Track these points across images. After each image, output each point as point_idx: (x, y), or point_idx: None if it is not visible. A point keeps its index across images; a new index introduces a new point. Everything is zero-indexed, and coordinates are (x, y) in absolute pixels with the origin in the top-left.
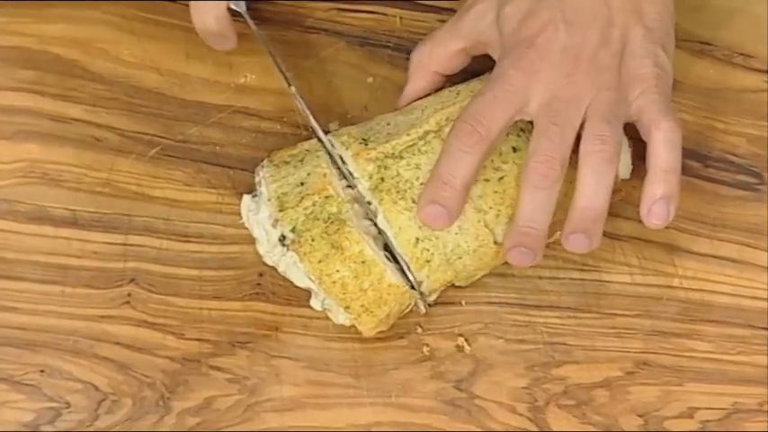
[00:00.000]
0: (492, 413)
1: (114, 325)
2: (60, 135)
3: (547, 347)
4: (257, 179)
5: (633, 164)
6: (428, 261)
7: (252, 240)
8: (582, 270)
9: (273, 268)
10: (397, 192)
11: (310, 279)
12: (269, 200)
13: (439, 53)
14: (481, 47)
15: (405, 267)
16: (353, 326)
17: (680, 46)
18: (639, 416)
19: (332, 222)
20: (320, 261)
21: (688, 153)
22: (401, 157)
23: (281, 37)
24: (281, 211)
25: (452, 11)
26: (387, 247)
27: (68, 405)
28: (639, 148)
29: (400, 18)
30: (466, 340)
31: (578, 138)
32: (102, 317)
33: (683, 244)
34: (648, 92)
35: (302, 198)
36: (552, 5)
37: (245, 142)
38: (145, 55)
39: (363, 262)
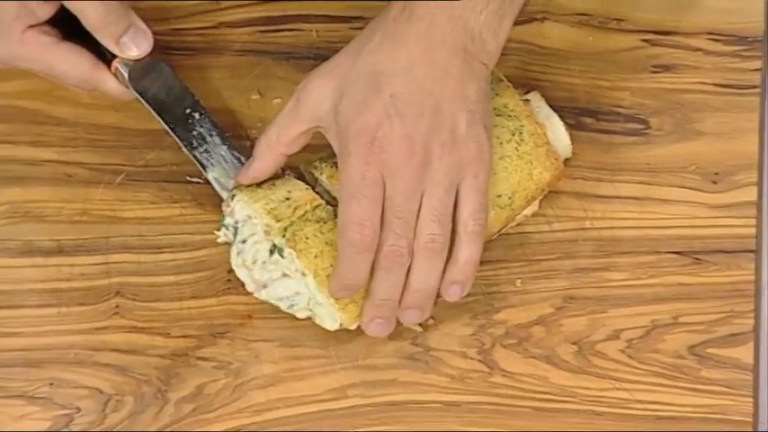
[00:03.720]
0: (447, 361)
1: (108, 334)
2: (36, 176)
3: (486, 297)
4: (229, 220)
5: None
6: None
7: (217, 243)
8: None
9: None
10: None
11: (304, 274)
12: (254, 218)
13: (284, 137)
14: (319, 130)
15: None
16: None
17: (561, 20)
18: (573, 344)
19: (324, 222)
20: (316, 256)
21: (582, 111)
22: None
23: (216, 63)
24: (278, 221)
25: (362, 18)
26: None
27: (79, 410)
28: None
29: (317, 32)
30: None
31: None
32: (97, 329)
33: (589, 190)
34: (470, 178)
35: (295, 209)
36: (384, 99)
37: None
38: (101, 95)
39: None
